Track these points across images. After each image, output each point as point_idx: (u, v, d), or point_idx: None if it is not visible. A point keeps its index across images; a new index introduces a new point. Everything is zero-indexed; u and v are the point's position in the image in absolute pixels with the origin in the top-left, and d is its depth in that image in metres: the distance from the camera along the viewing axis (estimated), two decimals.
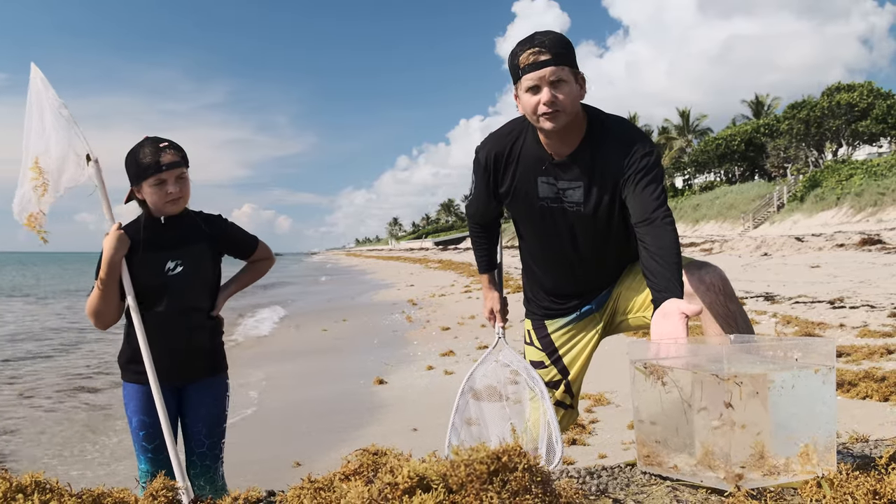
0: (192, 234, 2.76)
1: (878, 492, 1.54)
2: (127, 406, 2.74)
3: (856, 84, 49.75)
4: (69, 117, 2.55)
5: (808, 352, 1.89)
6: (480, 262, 2.95)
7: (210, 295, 2.82)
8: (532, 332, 2.82)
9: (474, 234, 2.94)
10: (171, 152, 2.63)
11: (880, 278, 13.68)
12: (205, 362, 2.79)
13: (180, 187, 2.65)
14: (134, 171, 2.64)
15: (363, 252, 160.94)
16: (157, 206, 2.66)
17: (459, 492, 1.40)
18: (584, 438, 5.04)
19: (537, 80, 2.30)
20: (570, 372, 2.73)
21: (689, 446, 1.84)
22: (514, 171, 2.54)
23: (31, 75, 2.57)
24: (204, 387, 2.79)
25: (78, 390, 8.89)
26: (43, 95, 2.54)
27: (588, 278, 2.66)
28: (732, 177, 60.89)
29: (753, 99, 66.42)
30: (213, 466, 2.78)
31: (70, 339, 14.55)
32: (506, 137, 2.57)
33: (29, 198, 2.54)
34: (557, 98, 2.29)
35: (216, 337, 2.86)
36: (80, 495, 1.46)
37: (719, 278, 2.30)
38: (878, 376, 5.59)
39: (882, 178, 35.30)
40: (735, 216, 44.90)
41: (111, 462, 5.75)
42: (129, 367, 2.73)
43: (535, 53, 2.29)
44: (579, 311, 2.70)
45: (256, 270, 3.03)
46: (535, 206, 2.54)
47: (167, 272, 2.67)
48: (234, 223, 2.93)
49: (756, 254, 24.81)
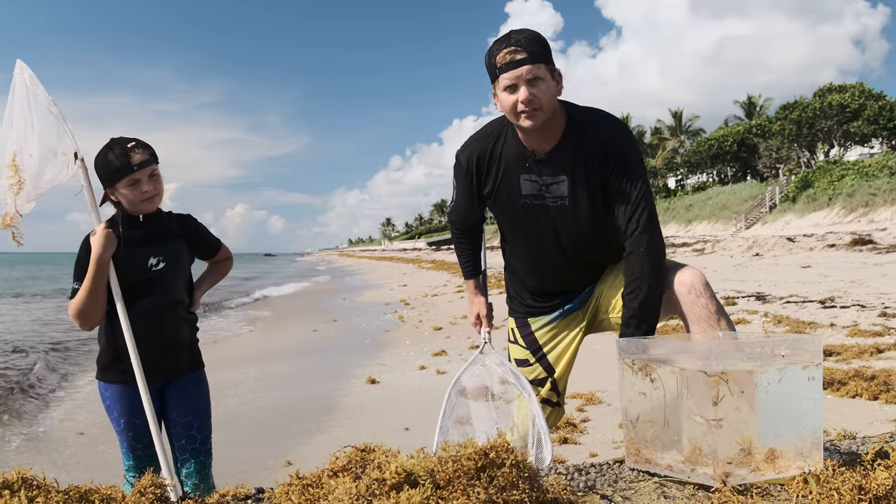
0: (170, 232, 2.81)
1: (864, 487, 1.55)
2: (111, 409, 2.74)
3: (847, 85, 49.95)
4: (59, 115, 2.54)
5: (794, 349, 1.91)
6: (465, 269, 2.96)
7: (187, 290, 2.88)
8: (516, 330, 2.82)
9: (458, 241, 2.96)
10: (140, 151, 2.63)
11: (871, 278, 13.75)
12: (187, 357, 2.84)
13: (154, 185, 2.67)
14: (105, 173, 2.63)
15: (356, 252, 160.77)
16: (134, 206, 2.67)
17: (447, 487, 1.40)
18: (575, 437, 5.05)
19: (514, 78, 2.32)
20: (555, 370, 2.74)
21: (676, 443, 1.85)
22: (496, 172, 2.55)
23: (15, 72, 2.56)
24: (188, 382, 2.83)
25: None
26: (30, 93, 2.52)
27: (572, 276, 2.67)
28: (725, 177, 61.08)
29: (745, 99, 66.60)
30: (207, 462, 2.80)
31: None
32: (486, 139, 2.58)
33: (3, 198, 2.51)
34: (535, 96, 2.32)
35: (194, 332, 2.91)
36: (68, 491, 1.46)
37: (699, 281, 2.32)
38: (868, 375, 5.62)
39: (873, 178, 35.43)
40: (727, 216, 45.00)
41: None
42: (112, 367, 2.72)
43: (511, 52, 2.31)
44: (562, 309, 2.70)
45: (222, 269, 3.14)
46: (517, 204, 2.55)
47: (150, 268, 2.70)
48: (202, 224, 2.99)
49: (748, 254, 24.89)
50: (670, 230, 49.54)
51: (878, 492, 1.54)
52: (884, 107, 46.24)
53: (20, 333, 15.29)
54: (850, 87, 49.31)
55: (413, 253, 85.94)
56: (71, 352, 12.13)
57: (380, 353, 10.14)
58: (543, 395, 2.75)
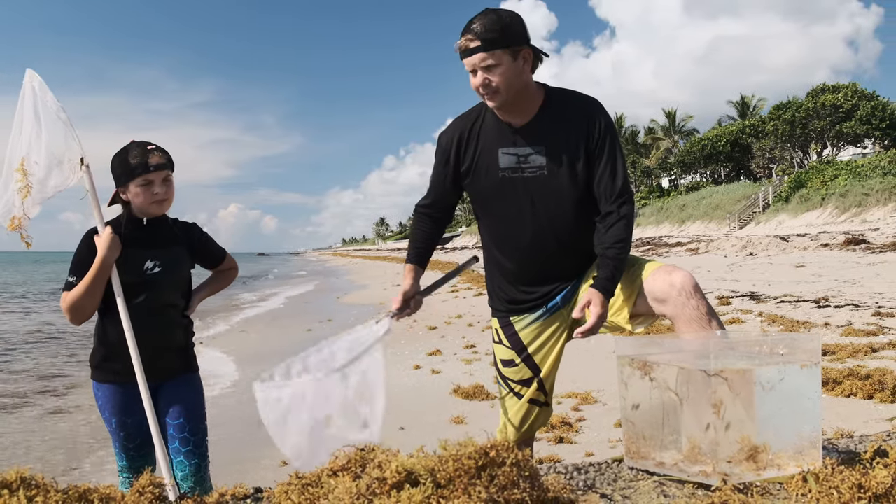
0: (171, 237, 2.85)
1: (863, 486, 1.55)
2: (103, 408, 2.77)
3: (840, 85, 50.20)
4: (67, 120, 2.61)
5: (793, 348, 1.91)
6: (411, 253, 2.77)
7: (184, 296, 2.90)
8: (500, 330, 2.78)
9: (418, 226, 2.81)
10: (159, 154, 2.71)
11: (864, 278, 13.80)
12: (179, 360, 2.86)
13: (166, 189, 2.74)
14: (121, 171, 2.70)
15: (350, 252, 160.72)
16: (143, 207, 2.73)
17: (448, 486, 1.40)
18: (571, 437, 5.05)
19: (470, 65, 2.47)
20: (541, 369, 2.71)
21: (676, 442, 1.85)
22: (475, 147, 2.63)
23: (24, 80, 2.63)
24: (180, 382, 2.84)
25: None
26: (39, 99, 2.60)
27: (552, 261, 2.63)
28: (718, 177, 61.27)
29: (739, 100, 66.81)
30: (203, 465, 2.78)
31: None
32: (466, 119, 2.68)
33: (12, 201, 2.58)
34: (490, 81, 2.44)
35: (188, 336, 2.94)
36: (67, 491, 1.45)
37: (689, 282, 2.33)
38: (863, 374, 5.64)
39: (866, 178, 35.61)
40: (721, 216, 45.16)
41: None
42: (104, 366, 2.77)
43: (466, 40, 2.44)
44: (546, 307, 2.67)
45: (226, 278, 3.16)
46: (496, 178, 2.59)
47: (146, 271, 2.73)
48: (207, 233, 3.03)
49: (742, 254, 24.95)
50: (664, 230, 49.64)
51: (877, 490, 1.54)
52: (876, 107, 46.48)
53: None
54: (843, 87, 49.55)
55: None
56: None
57: None
58: (531, 395, 2.72)
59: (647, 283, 2.41)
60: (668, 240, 37.30)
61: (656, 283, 2.38)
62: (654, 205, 55.86)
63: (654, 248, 31.82)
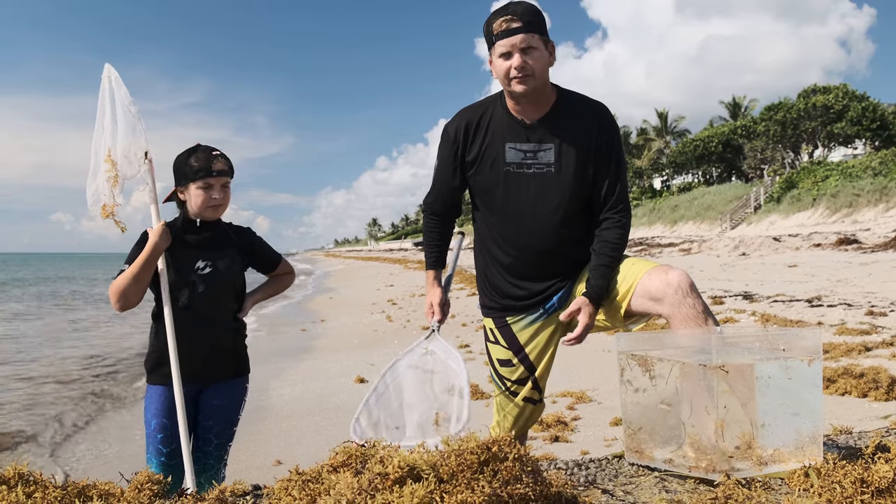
0: (224, 240, 2.90)
1: (866, 480, 1.55)
2: (147, 409, 2.80)
3: (831, 86, 50.37)
4: (136, 114, 2.72)
5: (794, 343, 1.90)
6: (429, 257, 2.91)
7: (236, 298, 2.93)
8: (495, 330, 2.77)
9: (429, 227, 2.92)
10: (223, 161, 2.80)
11: (857, 277, 13.86)
12: (228, 363, 2.88)
13: (223, 195, 2.81)
14: (184, 172, 2.78)
15: (342, 252, 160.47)
16: (199, 210, 2.80)
17: (450, 481, 1.39)
18: (566, 435, 5.05)
19: (509, 46, 2.44)
20: (536, 369, 2.73)
21: (677, 437, 1.84)
22: (483, 138, 2.63)
23: (103, 74, 2.74)
24: (223, 387, 2.86)
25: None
26: (116, 94, 2.71)
27: (549, 259, 2.64)
28: (710, 178, 61.40)
29: (731, 100, 66.97)
30: (217, 466, 2.83)
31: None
32: (476, 109, 2.68)
33: (103, 190, 2.69)
34: (528, 63, 2.43)
35: (239, 339, 2.95)
36: (65, 487, 1.44)
37: (685, 281, 2.33)
38: (857, 373, 5.66)
39: (857, 179, 35.72)
40: (713, 217, 45.22)
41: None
42: (156, 370, 2.80)
43: (507, 21, 2.43)
44: (543, 308, 2.67)
45: (281, 283, 3.18)
46: (500, 171, 2.60)
47: (196, 270, 2.78)
48: (262, 238, 3.07)
49: (734, 254, 25.03)
50: (656, 230, 49.72)
51: (879, 485, 1.54)
52: (867, 108, 46.66)
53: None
54: (834, 88, 49.72)
55: (399, 253, 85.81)
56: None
57: (368, 353, 10.12)
58: (526, 394, 2.75)
59: (642, 282, 2.41)
60: (660, 240, 37.35)
61: (652, 282, 2.38)
62: (646, 205, 55.90)
63: (647, 249, 31.86)
